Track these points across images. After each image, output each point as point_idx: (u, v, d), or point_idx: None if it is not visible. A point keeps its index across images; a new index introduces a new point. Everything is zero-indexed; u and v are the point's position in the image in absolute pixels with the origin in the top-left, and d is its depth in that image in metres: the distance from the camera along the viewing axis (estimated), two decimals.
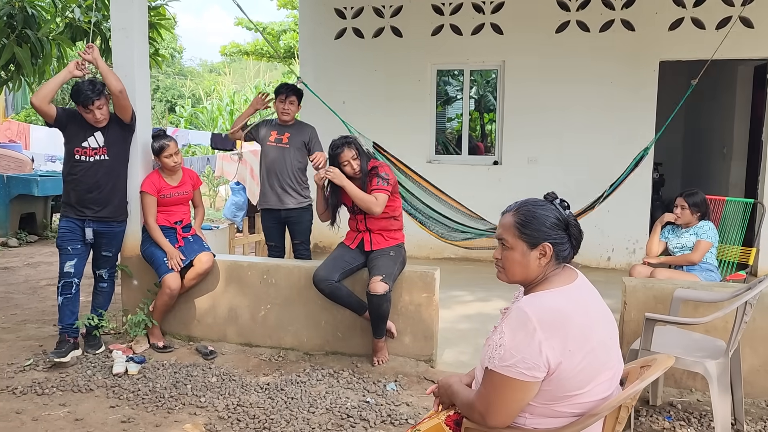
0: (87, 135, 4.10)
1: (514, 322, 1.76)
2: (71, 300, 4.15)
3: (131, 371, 3.91)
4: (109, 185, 4.17)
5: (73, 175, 4.13)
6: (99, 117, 4.05)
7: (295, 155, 4.86)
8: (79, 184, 4.11)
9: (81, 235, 4.15)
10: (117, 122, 4.20)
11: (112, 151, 4.16)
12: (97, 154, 4.11)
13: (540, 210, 1.87)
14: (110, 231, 4.24)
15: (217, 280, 4.43)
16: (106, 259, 4.30)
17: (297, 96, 4.89)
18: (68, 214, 4.17)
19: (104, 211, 4.16)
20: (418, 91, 7.59)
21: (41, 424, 3.25)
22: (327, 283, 3.95)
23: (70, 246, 4.12)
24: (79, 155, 4.09)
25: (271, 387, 3.74)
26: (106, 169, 4.14)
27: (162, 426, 3.26)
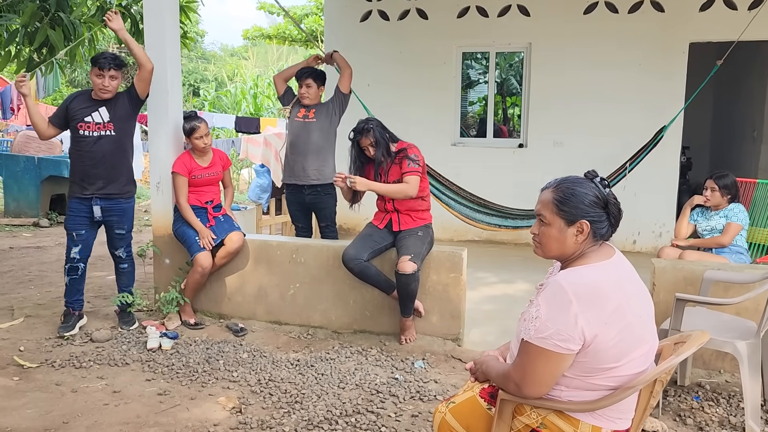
0: (91, 110, 4.12)
1: (550, 295, 1.79)
2: (77, 281, 4.30)
3: (165, 347, 4.01)
4: (115, 161, 4.19)
5: (78, 151, 4.15)
6: (107, 84, 4.05)
7: (322, 128, 4.75)
8: (84, 160, 4.13)
9: (89, 214, 4.18)
10: (126, 99, 4.21)
11: (119, 127, 4.17)
12: (103, 129, 4.12)
13: (579, 188, 1.89)
14: (118, 207, 4.26)
15: (247, 259, 4.50)
16: (120, 237, 4.34)
17: (314, 78, 4.78)
18: (75, 193, 4.20)
19: (111, 188, 4.18)
20: (443, 74, 7.57)
21: (81, 396, 3.36)
22: (356, 262, 3.99)
23: (75, 232, 4.20)
24: (83, 130, 4.10)
25: (301, 363, 3.81)
26: (112, 145, 4.15)
27: (197, 399, 3.35)
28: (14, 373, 3.63)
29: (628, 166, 5.67)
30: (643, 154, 5.69)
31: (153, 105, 4.52)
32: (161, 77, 4.43)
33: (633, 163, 5.69)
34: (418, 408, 3.27)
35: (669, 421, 3.14)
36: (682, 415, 3.19)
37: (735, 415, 3.20)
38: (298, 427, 3.03)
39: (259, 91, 15.29)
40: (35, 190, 8.77)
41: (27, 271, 6.07)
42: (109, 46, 16.86)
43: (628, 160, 5.81)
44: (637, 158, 5.72)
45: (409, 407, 3.28)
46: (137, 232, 8.55)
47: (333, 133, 4.87)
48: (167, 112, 4.49)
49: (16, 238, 7.84)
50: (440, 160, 6.63)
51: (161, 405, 3.27)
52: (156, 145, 4.55)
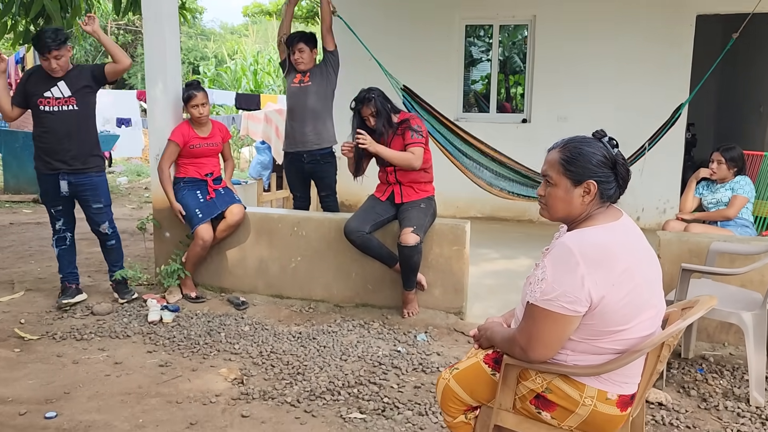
0: (50, 85, 3.99)
1: (556, 257, 1.75)
2: (67, 251, 4.28)
3: (166, 319, 3.99)
4: (80, 135, 4.08)
5: (42, 128, 4.02)
6: (54, 66, 3.92)
7: (317, 91, 4.66)
8: (48, 136, 4.01)
9: (57, 189, 4.09)
10: (89, 75, 4.09)
11: (81, 101, 4.06)
12: (65, 104, 4.01)
13: (587, 147, 1.84)
14: (89, 182, 4.14)
15: (248, 233, 4.47)
16: (98, 212, 4.20)
17: (306, 42, 4.64)
18: (40, 171, 4.11)
19: (79, 162, 4.08)
20: (447, 48, 7.48)
21: (82, 367, 3.35)
22: (358, 234, 3.96)
23: (52, 208, 4.16)
24: (44, 105, 3.98)
25: (303, 336, 3.79)
26: (76, 119, 4.04)
27: (198, 370, 3.33)
28: (15, 345, 3.62)
29: (647, 146, 5.56)
30: (662, 133, 5.56)
31: (151, 78, 4.46)
32: (160, 49, 4.36)
33: (653, 142, 5.57)
34: (421, 379, 3.25)
35: (673, 393, 3.12)
36: (686, 387, 3.18)
37: (739, 386, 3.18)
38: (300, 397, 3.02)
39: (259, 67, 15.16)
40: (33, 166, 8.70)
41: (27, 246, 6.05)
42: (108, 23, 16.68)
43: (648, 140, 5.67)
44: (656, 137, 5.59)
45: (411, 379, 3.26)
46: (138, 209, 8.53)
47: (330, 96, 4.76)
48: (166, 85, 4.42)
49: (16, 214, 7.80)
50: None
51: (163, 376, 3.25)
52: (155, 118, 4.50)
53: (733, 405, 2.98)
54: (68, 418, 2.80)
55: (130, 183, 10.99)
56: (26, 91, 4.02)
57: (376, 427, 2.77)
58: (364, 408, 2.93)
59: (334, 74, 4.77)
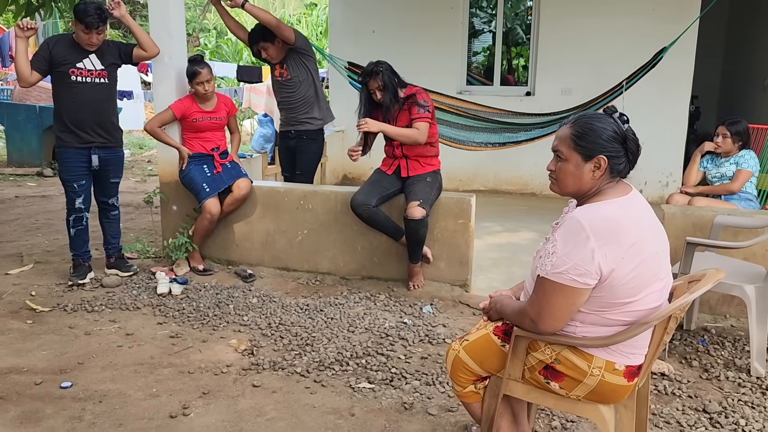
0: (82, 56, 3.98)
1: (566, 231, 1.78)
2: (83, 231, 4.28)
3: (175, 292, 4.04)
4: (111, 109, 4.13)
5: (71, 98, 4.00)
6: (95, 41, 3.94)
7: (296, 83, 4.65)
8: (84, 107, 4.01)
9: (87, 165, 4.10)
10: (117, 52, 4.12)
11: (110, 75, 4.09)
12: (98, 77, 4.03)
13: (597, 123, 1.86)
14: (116, 157, 4.23)
15: (255, 206, 4.49)
16: (114, 185, 4.30)
17: (264, 39, 4.54)
18: (71, 144, 4.05)
19: (110, 136, 4.13)
20: (450, 20, 7.43)
21: (94, 338, 3.40)
22: (365, 208, 3.99)
23: (76, 183, 4.12)
24: (76, 76, 3.97)
25: (311, 308, 3.84)
26: (107, 93, 4.08)
27: (209, 341, 3.39)
28: (27, 317, 3.67)
29: (625, 84, 5.63)
30: (641, 74, 5.67)
31: (159, 64, 4.44)
32: (164, 23, 4.34)
33: (630, 82, 5.67)
34: (428, 350, 3.31)
35: (675, 364, 3.18)
36: (688, 358, 3.24)
37: (740, 357, 3.24)
38: (309, 368, 3.08)
39: None
40: (37, 139, 8.70)
41: (33, 220, 6.08)
42: None
43: (625, 79, 5.73)
44: (635, 77, 5.69)
45: (418, 350, 3.32)
46: (142, 182, 8.56)
47: (311, 82, 4.71)
48: (171, 58, 4.41)
49: (21, 188, 7.83)
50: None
51: (174, 347, 3.31)
52: (160, 92, 4.49)
53: (734, 375, 3.04)
54: (83, 388, 2.87)
55: (133, 156, 10.99)
56: (52, 59, 3.96)
57: (385, 397, 2.83)
58: (372, 378, 2.99)
59: (309, 61, 4.69)
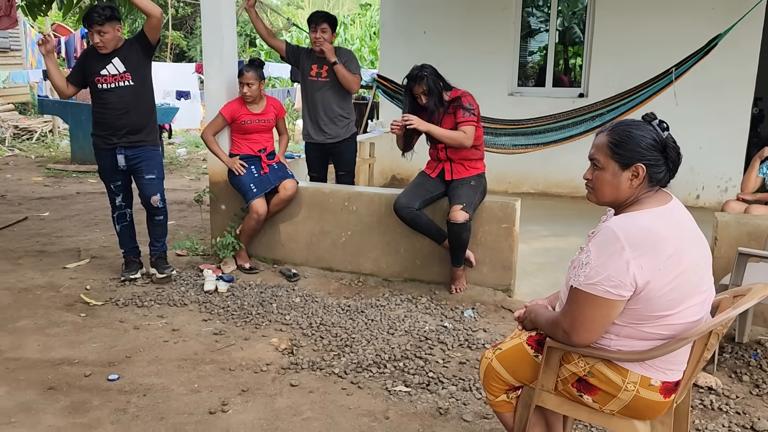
0: (105, 63, 4.08)
1: (601, 241, 1.74)
2: (127, 227, 4.42)
3: (221, 289, 4.14)
4: (139, 109, 4.18)
5: (102, 104, 4.13)
6: (97, 41, 4.00)
7: (335, 87, 4.71)
8: (110, 111, 4.11)
9: (115, 164, 4.20)
10: (137, 46, 4.15)
11: (135, 75, 4.15)
12: (121, 80, 4.10)
13: (636, 130, 1.81)
14: (145, 154, 4.22)
15: (300, 207, 4.56)
16: (150, 182, 4.26)
17: (329, 23, 4.63)
18: (98, 146, 4.22)
19: (138, 135, 4.18)
20: (502, 20, 7.34)
21: (142, 333, 3.52)
22: (408, 211, 3.99)
23: (111, 184, 4.27)
24: (101, 83, 4.09)
25: (352, 309, 3.87)
26: (133, 94, 4.14)
27: (251, 339, 3.46)
28: (81, 310, 3.83)
29: (674, 71, 5.39)
30: (693, 60, 5.43)
31: (208, 54, 4.56)
32: (216, 26, 4.46)
33: (680, 68, 5.42)
34: (466, 355, 3.29)
35: (724, 378, 3.06)
36: (738, 372, 3.11)
37: None
38: (347, 369, 3.10)
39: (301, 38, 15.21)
40: None
41: (92, 216, 6.33)
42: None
43: (675, 66, 5.50)
44: (685, 63, 5.44)
45: (457, 354, 3.30)
46: (196, 180, 8.79)
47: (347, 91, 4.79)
48: (222, 60, 4.52)
49: (83, 184, 8.16)
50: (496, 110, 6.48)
51: (217, 344, 3.39)
52: (211, 92, 4.61)
53: None
54: (129, 381, 2.97)
55: (189, 154, 11.29)
56: (83, 70, 4.14)
57: (420, 401, 2.83)
58: (409, 381, 3.00)
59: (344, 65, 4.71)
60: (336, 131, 4.81)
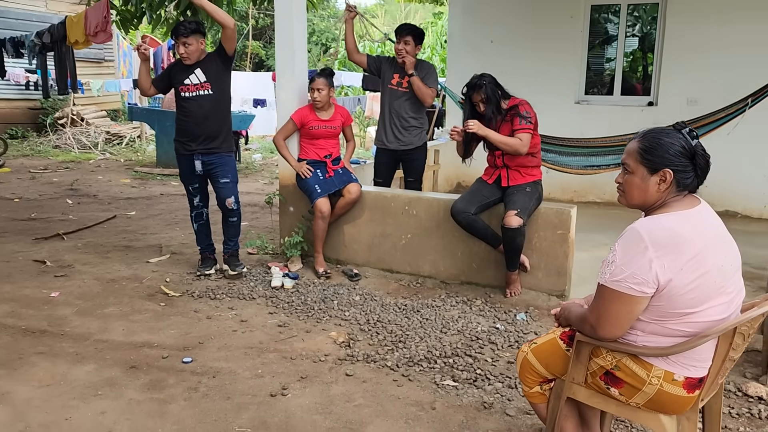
0: (188, 73, 4.43)
1: (626, 241, 1.86)
2: (204, 226, 4.76)
3: (287, 286, 4.41)
4: (216, 117, 4.49)
5: (183, 112, 4.48)
6: (182, 51, 4.33)
7: (413, 98, 4.89)
8: (189, 119, 4.45)
9: (193, 168, 4.55)
10: (216, 58, 4.46)
11: (215, 85, 4.46)
12: (201, 89, 4.43)
13: (665, 137, 1.91)
14: (220, 160, 4.52)
15: (363, 210, 4.78)
16: (224, 185, 4.56)
17: (413, 36, 4.83)
18: (178, 152, 4.58)
19: (214, 142, 4.49)
20: (570, 29, 7.36)
21: (214, 322, 3.83)
22: (464, 215, 4.14)
23: (190, 186, 4.64)
24: (184, 92, 4.44)
25: (408, 308, 4.06)
26: (212, 103, 4.46)
27: (312, 332, 3.70)
28: (161, 300, 4.19)
29: (750, 101, 5.13)
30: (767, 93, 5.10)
31: (281, 65, 4.87)
32: (288, 38, 4.76)
33: (758, 99, 5.08)
34: (515, 355, 3.38)
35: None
36: None
37: None
38: (399, 362, 3.29)
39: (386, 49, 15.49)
40: None
41: (174, 215, 6.79)
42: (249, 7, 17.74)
43: (751, 95, 5.21)
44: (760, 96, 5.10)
45: (506, 354, 3.43)
46: (269, 183, 9.21)
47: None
48: (293, 70, 4.82)
49: (166, 186, 8.73)
50: (562, 119, 6.53)
51: (280, 335, 3.65)
52: (283, 101, 4.92)
53: None
54: (201, 364, 3.26)
55: (264, 160, 11.80)
56: (170, 78, 4.54)
57: (466, 395, 2.98)
58: (457, 377, 3.15)
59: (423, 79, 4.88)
60: (409, 139, 5.00)
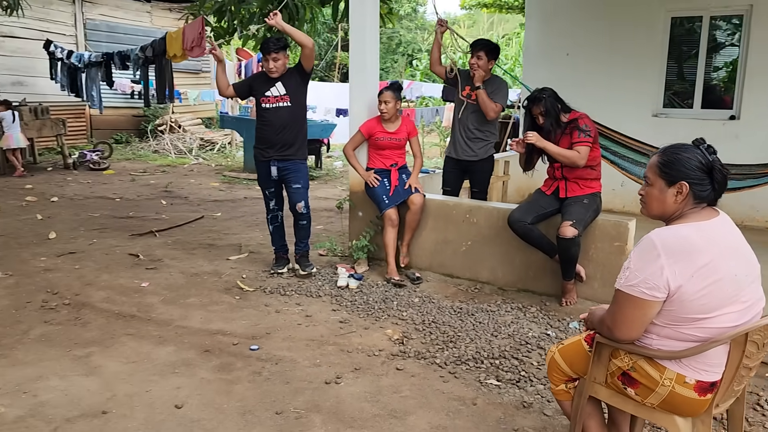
0: (270, 86, 4.79)
1: (641, 249, 2.00)
2: (278, 228, 5.12)
3: (351, 286, 4.70)
4: (294, 127, 4.84)
5: (263, 121, 4.83)
6: (271, 66, 4.70)
7: (480, 111, 5.01)
8: (269, 128, 4.79)
9: (270, 174, 4.90)
10: (296, 74, 4.81)
11: (293, 98, 4.81)
12: (281, 101, 4.78)
13: (684, 153, 2.05)
14: (294, 167, 4.87)
15: (427, 217, 5.00)
16: (296, 191, 4.89)
17: (486, 51, 4.97)
18: (257, 158, 4.95)
19: (289, 150, 4.84)
20: (649, 41, 7.28)
21: (281, 316, 4.16)
22: (520, 224, 4.28)
23: (266, 190, 5.01)
24: (265, 103, 4.80)
25: (463, 312, 4.24)
26: (290, 114, 4.81)
27: (370, 329, 3.96)
28: (236, 294, 4.58)
29: None
30: None
31: (354, 82, 5.21)
32: (361, 58, 5.09)
33: None
34: None
35: None
36: None
37: None
38: (447, 361, 3.48)
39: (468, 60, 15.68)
40: None
41: (255, 217, 7.26)
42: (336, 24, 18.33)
43: None
44: None
45: None
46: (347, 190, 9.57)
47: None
48: (365, 87, 5.13)
49: (250, 190, 9.28)
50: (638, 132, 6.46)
51: (341, 330, 3.93)
52: (354, 114, 5.23)
53: None
54: (266, 352, 3.59)
55: (345, 167, 12.20)
56: (251, 87, 4.95)
57: (508, 394, 3.14)
58: (501, 377, 3.31)
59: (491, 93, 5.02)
60: (474, 151, 5.14)
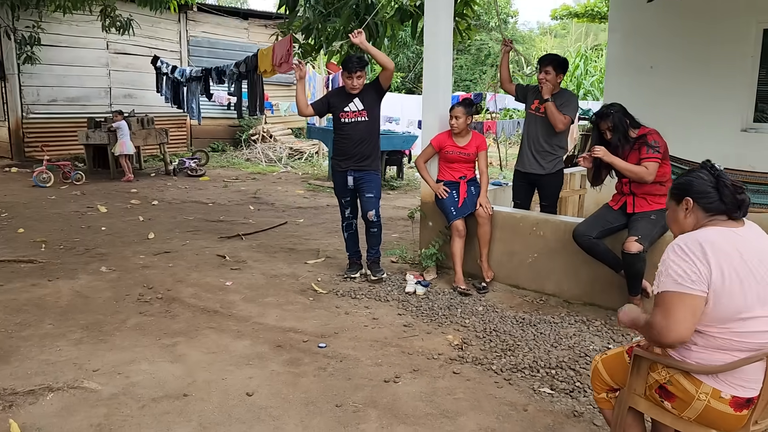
0: (348, 101, 5.05)
1: (669, 253, 2.11)
2: (353, 235, 5.37)
3: (418, 292, 4.88)
4: (370, 140, 5.10)
5: (341, 135, 5.12)
6: (355, 84, 4.95)
7: (548, 125, 5.07)
8: (348, 140, 5.08)
9: (346, 183, 5.16)
10: (372, 91, 5.05)
11: (370, 113, 5.06)
12: (359, 116, 5.04)
13: (688, 175, 2.27)
14: (368, 176, 5.12)
15: (495, 229, 5.11)
16: (368, 200, 5.14)
17: (554, 66, 5.02)
18: (335, 169, 5.23)
19: (365, 162, 5.10)
20: (738, 53, 7.05)
21: (350, 317, 4.40)
22: (585, 239, 4.32)
23: (342, 198, 5.28)
24: (344, 118, 5.07)
25: (526, 322, 4.32)
26: (367, 128, 5.07)
27: (431, 334, 4.12)
28: (310, 295, 4.86)
29: None
30: None
31: (427, 100, 5.43)
32: (435, 76, 5.29)
33: None
34: None
35: None
36: None
37: None
38: (504, 368, 3.60)
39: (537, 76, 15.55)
40: None
41: (335, 224, 7.56)
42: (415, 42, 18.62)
43: None
44: None
45: None
46: None
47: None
48: (438, 105, 5.33)
49: (333, 198, 9.57)
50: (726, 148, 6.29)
51: (404, 333, 4.12)
52: (427, 130, 5.42)
53: None
54: (332, 350, 3.83)
55: None
56: (330, 104, 5.22)
57: (560, 403, 3.22)
58: (555, 386, 3.39)
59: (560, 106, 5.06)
60: (542, 165, 5.22)
